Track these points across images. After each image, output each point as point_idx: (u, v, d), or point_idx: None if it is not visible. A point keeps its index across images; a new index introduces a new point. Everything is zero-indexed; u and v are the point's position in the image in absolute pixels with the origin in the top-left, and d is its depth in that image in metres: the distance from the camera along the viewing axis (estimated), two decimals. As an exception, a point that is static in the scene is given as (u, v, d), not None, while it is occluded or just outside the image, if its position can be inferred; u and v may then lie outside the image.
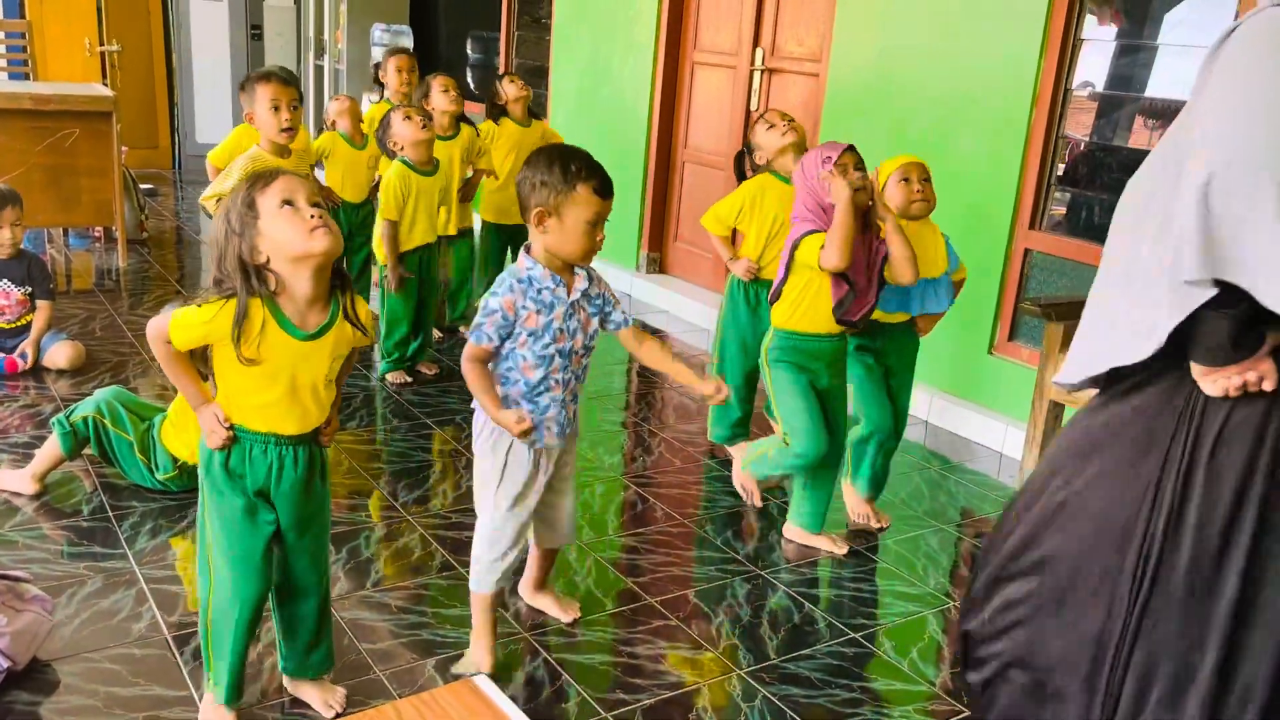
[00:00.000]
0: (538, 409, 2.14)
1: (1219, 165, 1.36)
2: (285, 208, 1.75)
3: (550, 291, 2.09)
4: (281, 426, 1.86)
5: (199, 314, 1.77)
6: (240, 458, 1.86)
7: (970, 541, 3.03)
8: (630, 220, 5.59)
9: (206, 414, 1.85)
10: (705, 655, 2.36)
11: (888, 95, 4.07)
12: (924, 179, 2.76)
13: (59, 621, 2.25)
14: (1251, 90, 1.39)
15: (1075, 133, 3.60)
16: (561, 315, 2.11)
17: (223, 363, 1.82)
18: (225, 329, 1.76)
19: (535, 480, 2.21)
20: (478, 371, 2.10)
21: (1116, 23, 3.50)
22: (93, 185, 5.20)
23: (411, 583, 2.56)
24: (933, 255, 2.78)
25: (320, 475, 1.96)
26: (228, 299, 1.76)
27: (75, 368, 3.75)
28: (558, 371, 2.14)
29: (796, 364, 2.70)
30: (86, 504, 2.83)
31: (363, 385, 3.89)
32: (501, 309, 2.06)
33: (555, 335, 2.11)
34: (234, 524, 1.87)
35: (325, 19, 7.96)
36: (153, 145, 8.14)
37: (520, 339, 2.09)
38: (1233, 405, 1.48)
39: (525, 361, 2.11)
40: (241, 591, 1.89)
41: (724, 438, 3.46)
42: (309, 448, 1.91)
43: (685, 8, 5.27)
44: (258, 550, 1.89)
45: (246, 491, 1.87)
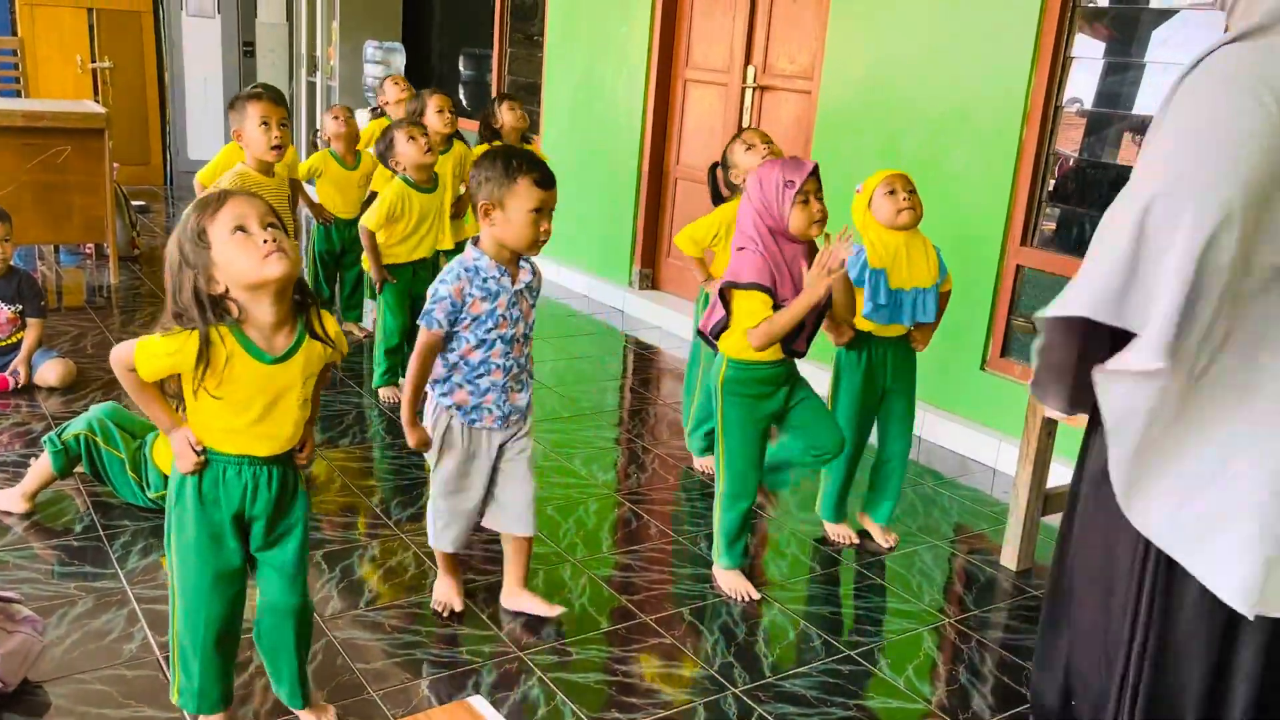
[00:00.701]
0: (477, 390, 2.34)
1: (1157, 193, 1.35)
2: (237, 234, 1.70)
3: (495, 281, 2.28)
4: (255, 449, 1.83)
5: (164, 344, 1.74)
6: (213, 481, 1.83)
7: (964, 558, 3.03)
8: (623, 236, 5.60)
9: (178, 437, 1.83)
10: (700, 673, 2.35)
11: (879, 112, 4.09)
12: (909, 190, 2.76)
13: (50, 642, 2.23)
14: (1183, 126, 1.39)
15: (1065, 149, 3.63)
16: (505, 304, 2.29)
17: (192, 389, 1.79)
18: (192, 360, 1.73)
19: (474, 462, 2.40)
20: (420, 370, 2.30)
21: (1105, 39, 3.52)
22: (84, 202, 5.20)
23: (405, 601, 2.55)
24: (923, 266, 2.80)
25: (294, 495, 1.92)
26: (193, 330, 1.73)
27: (66, 385, 3.74)
28: (498, 356, 2.32)
29: (752, 395, 2.61)
30: (77, 523, 2.81)
31: (354, 402, 3.89)
32: (450, 296, 2.25)
33: (498, 321, 2.29)
34: (198, 548, 1.84)
35: (318, 36, 7.98)
36: (144, 162, 8.13)
37: (465, 323, 2.27)
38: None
39: (468, 344, 2.30)
40: (205, 613, 1.86)
41: (701, 449, 3.47)
42: (283, 468, 1.89)
43: (677, 26, 5.30)
44: (223, 574, 1.86)
45: (220, 515, 1.84)
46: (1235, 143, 1.33)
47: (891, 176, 2.77)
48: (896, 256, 2.76)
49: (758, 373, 2.60)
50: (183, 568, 1.86)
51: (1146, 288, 1.34)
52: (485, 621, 2.49)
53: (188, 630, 1.88)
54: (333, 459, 3.35)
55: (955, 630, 2.63)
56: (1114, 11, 3.50)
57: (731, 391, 2.62)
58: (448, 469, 2.40)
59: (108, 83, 7.70)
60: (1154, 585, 1.53)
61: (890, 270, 2.75)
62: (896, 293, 2.76)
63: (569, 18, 5.87)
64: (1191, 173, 1.33)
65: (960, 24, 3.77)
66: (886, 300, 2.75)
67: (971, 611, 2.72)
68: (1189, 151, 1.35)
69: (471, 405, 2.35)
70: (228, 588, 1.88)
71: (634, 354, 4.89)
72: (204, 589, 1.86)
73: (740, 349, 2.57)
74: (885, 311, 2.76)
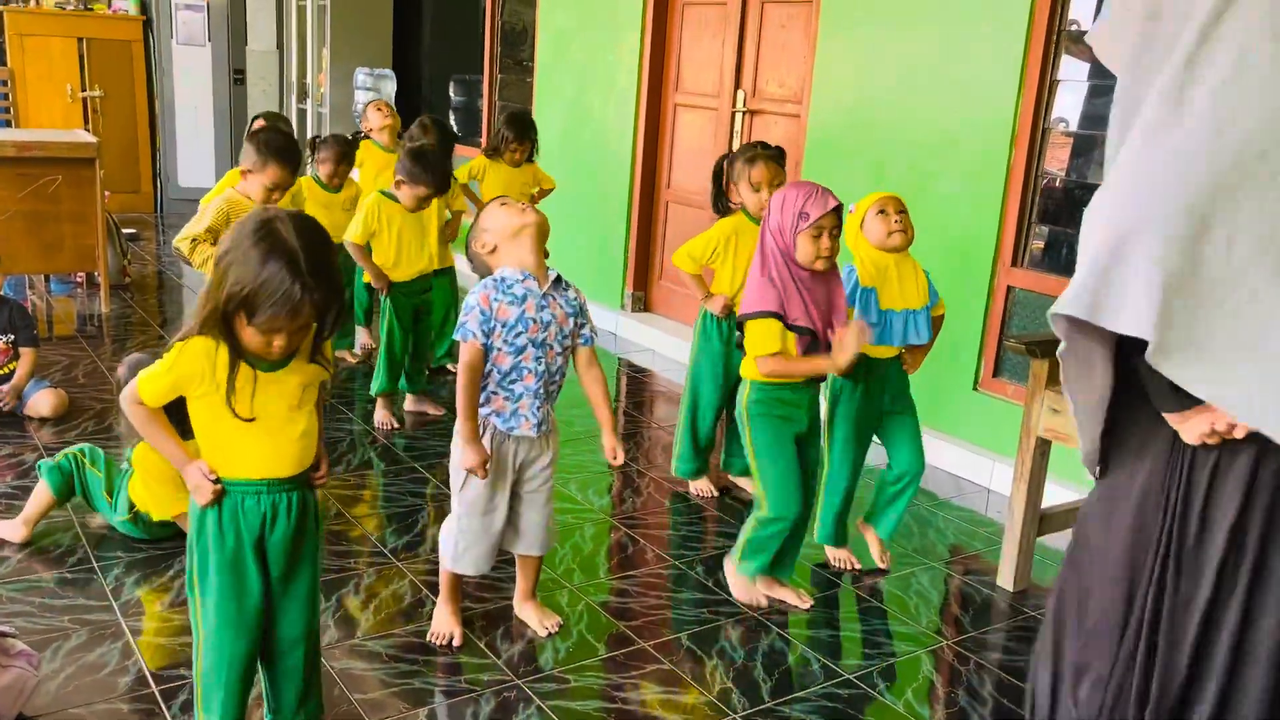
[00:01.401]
0: (512, 396, 2.34)
1: (1118, 221, 1.40)
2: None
3: (520, 284, 2.31)
4: (269, 470, 1.84)
5: (161, 365, 1.78)
6: (232, 511, 1.84)
7: (960, 579, 3.03)
8: (615, 260, 5.62)
9: (192, 472, 1.83)
10: (699, 699, 2.35)
11: (868, 135, 4.12)
12: (900, 211, 2.78)
13: (45, 676, 2.21)
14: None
15: (1053, 170, 3.66)
16: (534, 306, 2.31)
17: (200, 414, 1.80)
18: (191, 370, 1.75)
19: (502, 476, 2.39)
20: (469, 385, 2.29)
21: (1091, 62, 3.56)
22: (75, 231, 5.19)
23: (402, 630, 2.54)
24: (913, 287, 2.82)
25: (314, 521, 1.94)
26: (186, 340, 1.76)
27: (58, 415, 3.72)
28: (529, 360, 2.32)
29: (779, 416, 2.62)
30: (70, 555, 2.80)
31: (348, 429, 3.88)
32: (479, 304, 2.28)
33: (528, 325, 2.30)
34: (224, 582, 1.84)
35: (308, 63, 8.01)
36: (135, 190, 8.14)
37: (496, 331, 2.29)
38: (1219, 454, 1.50)
39: (499, 351, 2.31)
40: (230, 649, 1.86)
41: (690, 472, 3.47)
42: (301, 492, 1.89)
43: (667, 50, 5.34)
44: (248, 608, 1.86)
45: (241, 546, 1.84)
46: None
47: (883, 198, 2.79)
48: (887, 277, 2.78)
49: (781, 394, 2.61)
50: (207, 605, 1.86)
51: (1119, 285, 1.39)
52: (483, 650, 2.48)
53: (215, 667, 1.87)
54: (327, 487, 3.34)
55: (953, 652, 2.63)
56: (1099, 34, 3.53)
57: (758, 414, 2.63)
58: (476, 488, 2.39)
59: (98, 112, 7.71)
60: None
61: (880, 290, 2.77)
62: (887, 313, 2.78)
63: (559, 43, 5.91)
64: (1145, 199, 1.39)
65: (947, 47, 3.81)
66: (877, 319, 2.77)
67: (969, 633, 2.72)
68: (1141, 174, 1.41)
69: (509, 412, 2.36)
70: (253, 620, 1.88)
71: (627, 377, 4.90)
72: (231, 624, 1.85)
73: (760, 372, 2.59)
74: (876, 330, 2.78)
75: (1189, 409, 1.47)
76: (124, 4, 8.05)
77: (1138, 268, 1.38)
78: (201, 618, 1.87)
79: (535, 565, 2.59)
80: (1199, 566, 1.53)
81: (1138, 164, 1.42)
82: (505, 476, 2.42)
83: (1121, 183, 1.44)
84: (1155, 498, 1.56)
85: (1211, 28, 1.38)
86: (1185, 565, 1.54)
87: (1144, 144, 1.41)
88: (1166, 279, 1.36)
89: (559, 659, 2.46)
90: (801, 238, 2.48)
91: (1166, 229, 1.37)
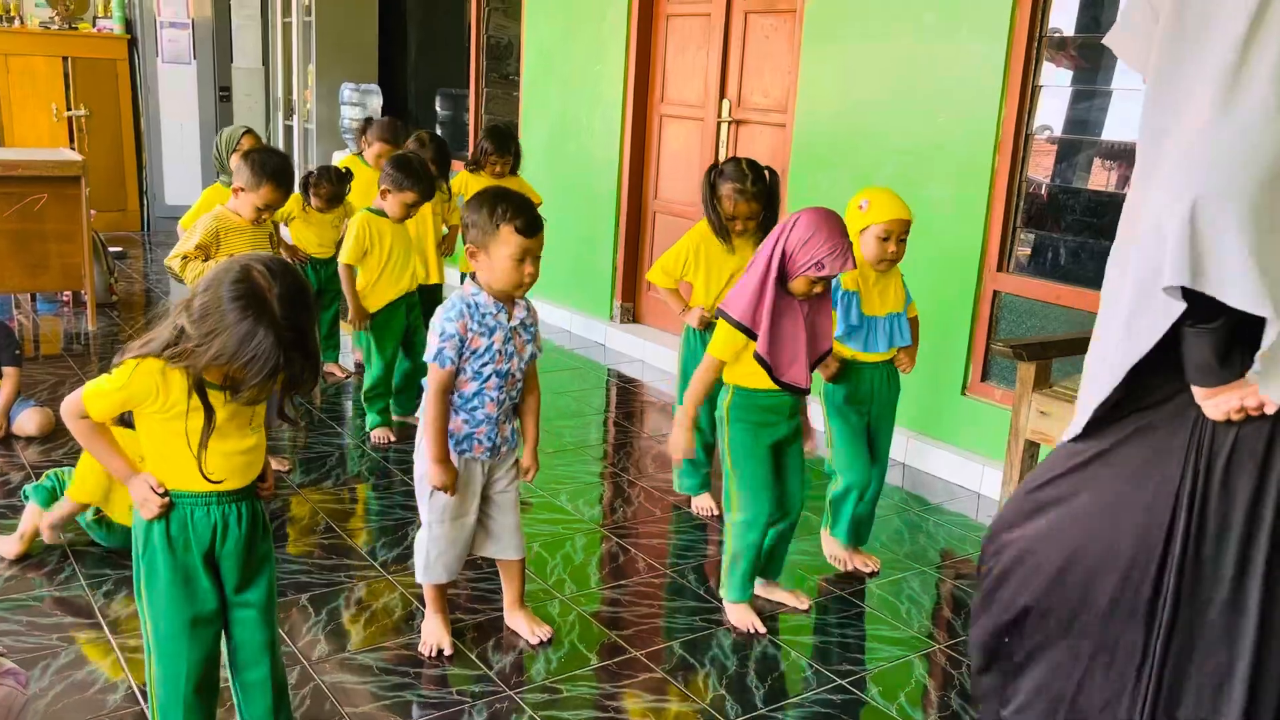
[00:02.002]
0: (471, 420, 2.38)
1: (1200, 192, 1.44)
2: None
3: (493, 317, 2.33)
4: (220, 483, 1.81)
5: (112, 380, 1.74)
6: (180, 524, 1.81)
7: (952, 583, 3.04)
8: (603, 271, 5.63)
9: (139, 484, 1.80)
10: (692, 707, 2.34)
11: (853, 143, 4.14)
12: (902, 238, 2.75)
13: (34, 695, 2.20)
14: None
15: (1037, 176, 3.68)
16: (501, 339, 2.35)
17: (149, 428, 1.78)
18: (142, 389, 1.72)
19: (470, 485, 2.43)
20: (440, 409, 2.33)
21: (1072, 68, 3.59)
22: (61, 250, 5.18)
23: (393, 643, 2.53)
24: (893, 292, 2.84)
25: (263, 532, 1.91)
26: (140, 360, 1.72)
27: (45, 434, 3.70)
28: (492, 389, 2.37)
29: (757, 422, 2.61)
30: (58, 574, 2.78)
31: (336, 444, 3.87)
32: (457, 333, 2.29)
33: (494, 357, 2.34)
34: (171, 594, 1.82)
35: (294, 79, 8.01)
36: (121, 208, 8.12)
37: (464, 357, 2.32)
38: (1238, 430, 1.54)
39: (464, 376, 2.35)
40: (185, 659, 1.84)
41: (693, 487, 3.47)
42: (250, 503, 1.87)
43: (652, 62, 5.36)
44: (201, 618, 1.84)
45: (191, 558, 1.82)
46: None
47: (894, 223, 2.72)
48: (868, 282, 2.79)
49: (761, 400, 2.60)
50: (156, 616, 1.84)
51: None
52: (474, 661, 2.47)
53: (167, 681, 1.85)
54: (316, 501, 3.33)
55: (945, 656, 2.63)
56: (1080, 40, 3.56)
57: (736, 418, 2.62)
58: (443, 499, 2.41)
59: (84, 131, 7.70)
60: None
61: (862, 295, 2.78)
62: (871, 319, 2.79)
63: (544, 57, 5.93)
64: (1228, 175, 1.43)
65: (930, 55, 3.83)
66: (858, 321, 2.77)
67: (961, 637, 2.72)
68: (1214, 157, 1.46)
69: (464, 435, 2.38)
70: (205, 631, 1.86)
71: (617, 388, 4.90)
72: (181, 635, 1.83)
73: (742, 375, 2.58)
74: (859, 335, 2.78)
75: (1222, 385, 1.51)
76: (109, 23, 8.05)
77: (1231, 240, 1.41)
78: (152, 630, 1.85)
79: (518, 571, 2.59)
80: (1221, 547, 1.56)
81: (1205, 143, 1.45)
82: (474, 486, 2.44)
83: (1194, 159, 1.45)
84: (1166, 470, 1.59)
85: (1259, 18, 1.44)
86: (1206, 548, 1.57)
87: (1208, 126, 1.45)
88: (1254, 250, 1.41)
89: (550, 669, 2.46)
90: (803, 279, 2.45)
91: (1247, 201, 1.41)
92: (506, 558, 2.56)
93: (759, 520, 2.65)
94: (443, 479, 2.35)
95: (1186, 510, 1.57)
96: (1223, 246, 1.42)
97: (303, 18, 7.69)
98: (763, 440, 2.63)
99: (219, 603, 1.87)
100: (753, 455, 2.63)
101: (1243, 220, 1.41)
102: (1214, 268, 1.43)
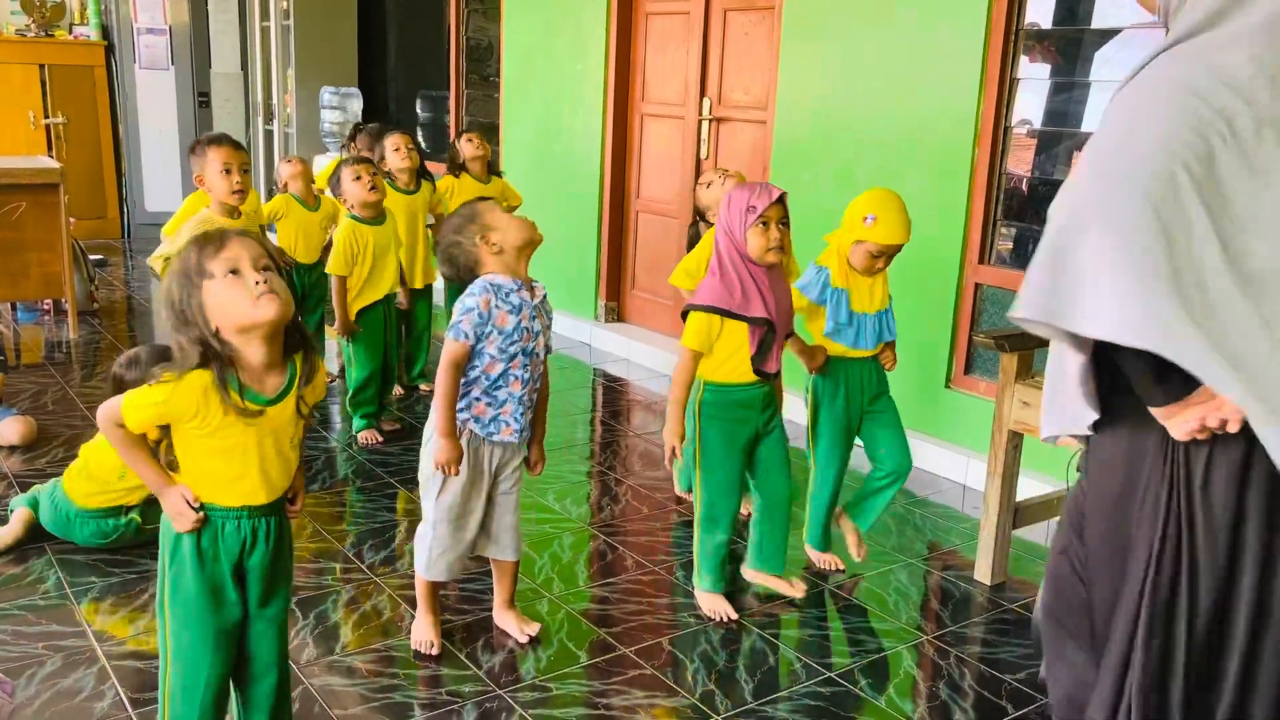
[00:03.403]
0: (495, 402, 2.37)
1: (1065, 214, 1.43)
2: (230, 276, 1.68)
3: (516, 294, 2.34)
4: (253, 498, 1.81)
5: (152, 394, 1.72)
6: (211, 537, 1.80)
7: (939, 575, 3.05)
8: (587, 271, 5.63)
9: (173, 496, 1.78)
10: (682, 702, 2.35)
11: (834, 139, 4.16)
12: (890, 256, 2.75)
13: (20, 704, 2.19)
14: (1102, 142, 1.45)
15: (1017, 169, 3.70)
16: (527, 316, 2.36)
17: (185, 442, 1.77)
18: (182, 406, 1.71)
19: (478, 482, 2.41)
20: (452, 382, 2.33)
21: (1050, 61, 3.61)
22: (41, 258, 5.14)
23: (381, 645, 2.52)
24: (881, 290, 2.84)
25: (287, 547, 1.92)
26: (181, 376, 1.70)
27: (28, 443, 3.68)
28: (518, 368, 2.36)
29: (731, 419, 2.62)
30: (42, 582, 2.76)
31: (324, 447, 3.86)
32: (478, 307, 2.29)
33: (521, 334, 2.35)
34: (200, 606, 1.81)
35: (273, 84, 7.98)
36: (101, 215, 8.07)
37: (490, 338, 2.31)
38: (1211, 448, 1.49)
39: (490, 359, 2.33)
40: (206, 670, 1.83)
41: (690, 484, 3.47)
42: (278, 518, 1.87)
43: (632, 61, 5.37)
44: (226, 629, 1.84)
45: (220, 570, 1.81)
46: (1145, 155, 1.38)
47: (889, 246, 2.70)
48: (857, 280, 2.80)
49: (734, 395, 2.61)
50: (180, 627, 1.82)
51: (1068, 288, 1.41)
52: (464, 661, 2.47)
53: (186, 691, 1.84)
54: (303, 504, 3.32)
55: (933, 646, 2.64)
56: (1057, 33, 3.59)
57: (709, 415, 2.62)
58: (454, 494, 2.40)
59: (61, 138, 7.65)
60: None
61: (851, 292, 2.79)
62: (860, 316, 2.80)
63: (524, 57, 5.93)
64: (1099, 192, 1.40)
65: (908, 50, 3.85)
66: (848, 319, 2.78)
67: (949, 627, 2.74)
68: (1099, 169, 1.42)
69: (490, 419, 2.37)
70: (229, 643, 1.85)
71: (603, 387, 4.90)
72: (207, 648, 1.82)
73: (714, 371, 2.59)
74: (848, 332, 2.79)
75: (1176, 403, 1.45)
76: (85, 30, 8.00)
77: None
78: (173, 640, 1.83)
79: (511, 572, 2.59)
80: (1208, 565, 1.53)
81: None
82: (482, 482, 2.42)
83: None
84: (1152, 495, 1.56)
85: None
86: (1190, 564, 1.54)
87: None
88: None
89: (540, 668, 2.46)
90: (751, 232, 2.49)
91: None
92: (503, 558, 2.55)
93: (725, 519, 2.68)
94: (448, 454, 2.33)
95: (1175, 524, 1.54)
96: (1076, 276, 1.40)
97: (281, 21, 7.65)
98: (738, 440, 2.65)
99: (242, 615, 1.86)
100: (726, 457, 2.64)
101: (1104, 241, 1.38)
102: (1069, 298, 1.42)
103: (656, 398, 4.68)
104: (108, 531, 2.87)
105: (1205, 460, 1.50)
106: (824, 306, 2.76)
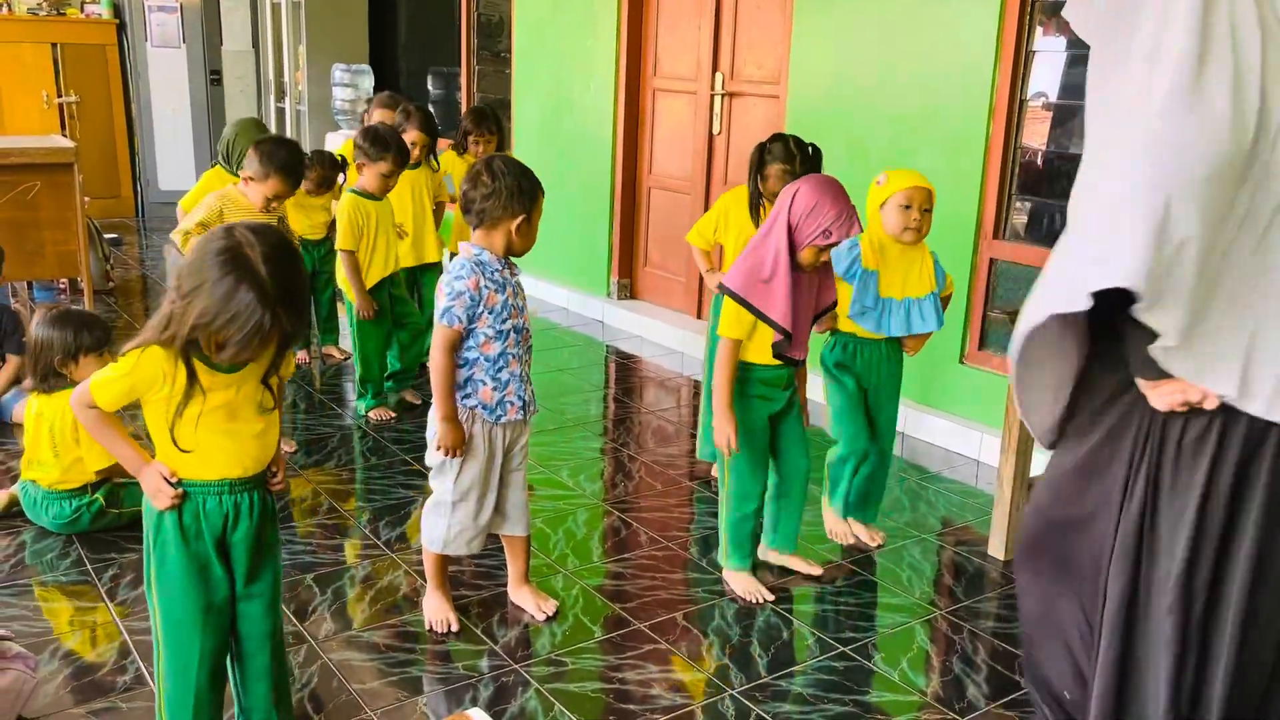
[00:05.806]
0: (499, 385, 2.38)
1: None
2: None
3: (498, 273, 2.35)
4: (229, 470, 1.81)
5: (117, 368, 1.73)
6: (194, 513, 1.81)
7: (952, 550, 3.05)
8: (599, 247, 5.62)
9: (150, 475, 1.79)
10: (696, 677, 2.36)
11: (847, 113, 4.13)
12: (925, 209, 2.73)
13: (43, 678, 2.22)
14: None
15: (1032, 142, 3.67)
16: (511, 293, 2.37)
17: (156, 418, 1.77)
18: (149, 375, 1.71)
19: (493, 462, 2.42)
20: (448, 367, 2.33)
21: (1066, 34, 3.57)
22: (56, 237, 5.16)
23: (398, 620, 2.54)
24: (918, 276, 2.80)
25: (271, 522, 1.92)
26: (144, 348, 1.71)
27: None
28: (513, 346, 2.38)
29: (755, 395, 2.62)
30: (64, 558, 2.79)
31: (339, 425, 3.88)
32: (468, 289, 2.29)
33: (510, 311, 2.36)
34: (186, 583, 1.82)
35: (285, 61, 7.97)
36: (115, 195, 8.09)
37: (482, 318, 2.32)
38: (1185, 423, 1.53)
39: (485, 339, 2.34)
40: (197, 647, 1.84)
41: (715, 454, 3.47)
42: (260, 493, 1.88)
43: (644, 36, 5.33)
44: (215, 605, 1.85)
45: (204, 546, 1.82)
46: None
47: (914, 190, 2.71)
48: (888, 261, 2.76)
49: (759, 373, 2.60)
50: (168, 606, 1.84)
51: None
52: (479, 636, 2.49)
53: (177, 672, 1.86)
54: (319, 482, 3.35)
55: (947, 622, 2.65)
56: (1073, 5, 3.54)
57: (735, 393, 2.61)
58: (470, 478, 2.41)
59: (75, 117, 7.66)
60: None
61: (881, 274, 2.76)
62: (887, 301, 2.76)
63: (536, 33, 5.90)
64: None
65: (922, 22, 3.81)
66: (874, 303, 2.75)
67: (962, 602, 2.74)
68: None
69: (496, 401, 2.38)
70: (218, 619, 1.87)
71: (616, 364, 4.91)
72: (195, 624, 1.84)
73: (741, 351, 2.58)
74: (873, 316, 2.76)
75: (1165, 377, 1.49)
76: (97, 8, 7.99)
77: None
78: (162, 619, 1.84)
79: (524, 547, 2.60)
80: (1172, 540, 1.55)
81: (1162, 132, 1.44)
82: (495, 464, 2.44)
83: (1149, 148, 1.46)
84: (1123, 471, 1.59)
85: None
86: (1157, 540, 1.57)
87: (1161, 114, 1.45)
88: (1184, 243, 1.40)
89: (556, 642, 2.48)
90: (811, 249, 2.46)
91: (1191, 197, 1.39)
92: (514, 534, 2.57)
93: (753, 492, 2.67)
94: (452, 438, 2.34)
95: (1139, 504, 1.57)
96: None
97: (292, -1, 7.64)
98: (761, 415, 2.64)
99: (230, 591, 1.88)
100: (750, 430, 2.63)
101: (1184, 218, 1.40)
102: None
103: (669, 374, 4.69)
104: (68, 514, 2.87)
105: (1178, 437, 1.54)
106: (850, 283, 2.74)
